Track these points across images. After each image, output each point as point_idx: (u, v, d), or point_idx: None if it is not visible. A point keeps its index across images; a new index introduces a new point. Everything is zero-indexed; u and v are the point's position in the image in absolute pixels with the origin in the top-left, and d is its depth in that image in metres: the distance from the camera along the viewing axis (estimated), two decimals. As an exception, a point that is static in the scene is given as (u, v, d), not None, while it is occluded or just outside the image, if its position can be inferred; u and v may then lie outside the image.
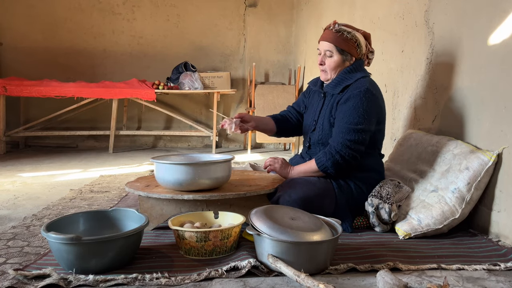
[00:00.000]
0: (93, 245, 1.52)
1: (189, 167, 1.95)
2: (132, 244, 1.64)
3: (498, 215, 1.91)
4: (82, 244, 1.51)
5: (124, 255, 1.60)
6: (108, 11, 5.62)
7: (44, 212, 2.42)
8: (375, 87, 2.12)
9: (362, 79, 2.11)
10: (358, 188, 2.09)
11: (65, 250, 1.52)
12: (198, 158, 2.19)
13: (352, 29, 2.14)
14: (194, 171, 1.94)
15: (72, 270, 1.53)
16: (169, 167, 1.97)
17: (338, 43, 2.10)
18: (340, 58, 2.13)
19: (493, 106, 1.95)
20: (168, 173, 1.97)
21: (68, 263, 1.54)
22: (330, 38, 2.12)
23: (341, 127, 2.04)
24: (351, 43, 2.11)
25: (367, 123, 2.03)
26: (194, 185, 1.96)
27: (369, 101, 2.04)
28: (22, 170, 3.86)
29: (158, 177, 2.02)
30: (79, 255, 1.52)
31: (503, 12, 1.90)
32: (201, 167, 1.97)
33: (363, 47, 2.15)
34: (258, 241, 1.60)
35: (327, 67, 2.16)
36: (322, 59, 2.17)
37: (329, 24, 2.17)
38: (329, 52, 2.13)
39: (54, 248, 1.56)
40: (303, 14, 5.39)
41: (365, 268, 1.57)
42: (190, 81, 5.18)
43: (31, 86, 4.82)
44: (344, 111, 2.05)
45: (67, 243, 1.51)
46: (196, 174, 1.94)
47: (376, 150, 2.20)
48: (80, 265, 1.52)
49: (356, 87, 2.07)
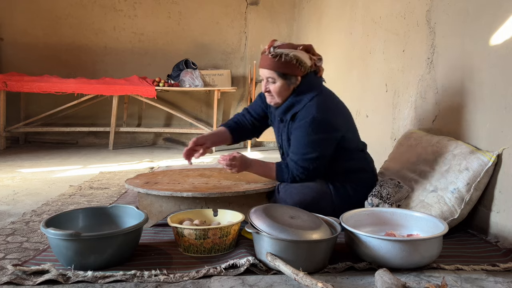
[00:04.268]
0: (92, 241, 1.53)
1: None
2: (131, 241, 1.64)
3: (497, 216, 1.91)
4: (81, 240, 1.51)
5: (123, 252, 1.61)
6: (110, 7, 5.61)
7: (43, 208, 2.43)
8: (324, 107, 2.00)
9: (310, 103, 2.00)
10: (353, 189, 2.09)
11: (64, 246, 1.52)
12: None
13: (291, 48, 2.00)
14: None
15: (71, 266, 1.53)
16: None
17: (278, 68, 1.98)
18: (284, 83, 2.01)
19: (494, 107, 1.95)
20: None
21: (67, 259, 1.54)
22: (269, 64, 2.00)
23: (295, 153, 2.02)
24: (291, 64, 1.98)
25: (319, 150, 1.99)
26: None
27: (318, 129, 1.96)
28: (22, 165, 3.86)
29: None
30: (78, 251, 1.52)
31: (505, 13, 1.90)
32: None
33: (307, 62, 2.02)
34: (257, 239, 1.60)
35: (272, 93, 2.05)
36: (266, 86, 2.05)
37: (264, 49, 2.03)
38: (271, 79, 2.01)
39: (53, 244, 1.56)
40: (304, 12, 5.38)
41: (363, 267, 1.57)
42: (191, 79, 5.18)
43: (32, 81, 4.82)
44: (295, 140, 2.02)
45: (66, 239, 1.51)
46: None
47: (356, 152, 2.16)
48: (79, 261, 1.53)
49: (303, 117, 1.99)
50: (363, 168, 2.15)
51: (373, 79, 3.25)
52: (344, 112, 2.14)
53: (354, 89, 3.65)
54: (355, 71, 3.63)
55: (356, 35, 3.63)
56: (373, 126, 3.24)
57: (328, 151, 2.03)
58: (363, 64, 3.45)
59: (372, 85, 3.26)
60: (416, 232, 1.79)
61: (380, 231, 1.81)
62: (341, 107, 2.15)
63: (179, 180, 2.21)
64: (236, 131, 2.30)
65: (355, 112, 3.58)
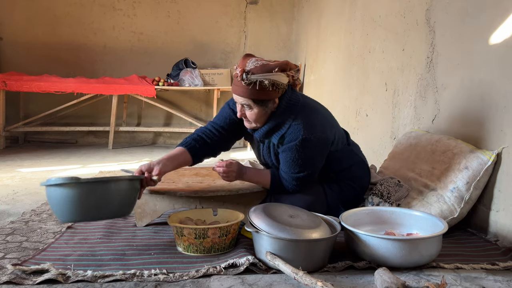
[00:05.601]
0: (92, 186, 1.53)
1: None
2: (134, 191, 1.69)
3: (496, 215, 1.91)
4: (81, 185, 1.51)
5: (125, 202, 1.65)
6: (109, 6, 5.61)
7: (43, 208, 2.42)
8: (310, 125, 1.89)
9: (294, 123, 1.88)
10: (346, 185, 2.07)
11: (66, 195, 1.52)
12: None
13: (265, 71, 1.80)
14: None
15: (72, 220, 1.56)
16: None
17: (254, 95, 1.82)
18: (261, 109, 1.87)
19: (493, 105, 1.95)
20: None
21: (69, 213, 1.55)
22: (243, 92, 1.82)
23: (286, 173, 1.95)
24: (268, 91, 1.82)
25: (311, 167, 1.94)
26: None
27: (308, 148, 1.88)
28: (22, 165, 3.86)
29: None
30: (78, 201, 1.52)
31: (505, 11, 1.90)
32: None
33: (284, 82, 1.86)
34: (256, 238, 1.60)
35: (249, 119, 1.91)
36: (241, 111, 1.90)
37: (236, 73, 1.84)
38: (247, 106, 1.86)
39: (55, 198, 1.54)
40: (304, 11, 5.38)
41: (363, 266, 1.57)
42: (190, 78, 5.18)
43: (31, 81, 4.82)
44: (284, 161, 1.93)
45: (67, 184, 1.51)
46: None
47: (343, 149, 2.09)
48: (81, 214, 1.55)
49: (291, 138, 1.88)
50: (353, 162, 2.12)
51: (373, 78, 3.25)
52: (328, 119, 2.04)
53: (353, 88, 3.65)
54: (355, 70, 3.63)
55: (355, 34, 3.62)
56: (373, 125, 3.24)
57: (320, 164, 1.99)
58: (363, 63, 3.45)
59: (372, 84, 3.26)
60: (416, 231, 1.79)
61: (380, 230, 1.81)
62: (324, 115, 2.03)
63: (174, 179, 2.22)
64: (198, 150, 1.99)
65: (355, 111, 3.58)
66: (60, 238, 1.88)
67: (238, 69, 1.83)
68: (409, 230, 1.81)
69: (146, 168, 1.81)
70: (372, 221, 1.86)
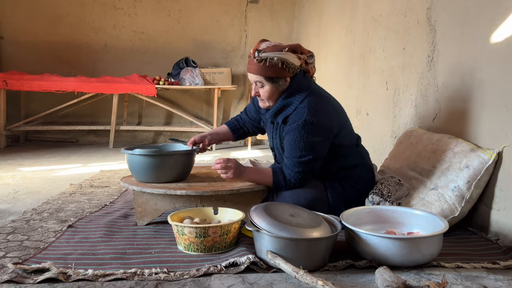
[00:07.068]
0: (167, 157, 2.06)
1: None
2: (192, 160, 2.20)
3: (497, 214, 1.91)
4: (160, 156, 2.05)
5: (187, 170, 2.17)
6: (110, 5, 5.61)
7: (44, 207, 2.43)
8: (315, 109, 1.96)
9: (300, 105, 1.98)
10: (348, 185, 2.08)
11: (146, 162, 2.04)
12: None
13: (276, 50, 1.96)
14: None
15: (147, 180, 2.08)
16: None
17: (265, 72, 1.96)
18: (272, 86, 1.99)
19: (494, 104, 1.95)
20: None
21: (146, 174, 2.06)
22: (255, 69, 1.98)
23: (288, 158, 1.99)
24: (278, 68, 1.95)
25: (313, 153, 1.96)
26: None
27: (310, 131, 1.94)
28: (22, 164, 3.86)
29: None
30: (156, 167, 2.04)
31: (506, 10, 1.89)
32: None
33: (295, 62, 1.98)
34: (257, 237, 1.60)
35: (262, 97, 2.04)
36: (255, 90, 2.05)
37: (249, 53, 2.03)
38: (259, 83, 2.01)
39: (137, 164, 2.07)
40: (304, 10, 5.38)
41: (363, 265, 1.57)
42: (191, 77, 5.18)
43: (32, 80, 4.82)
44: (287, 144, 1.99)
45: (149, 155, 2.03)
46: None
47: (351, 147, 2.14)
48: (156, 176, 2.06)
49: (294, 120, 1.97)
50: (359, 163, 2.13)
51: (374, 77, 3.25)
52: (336, 109, 2.10)
53: (354, 87, 3.65)
54: (356, 69, 3.63)
55: (356, 33, 3.62)
56: (374, 124, 3.24)
57: (322, 152, 2.01)
58: (364, 62, 3.45)
59: (373, 83, 3.26)
60: (417, 230, 1.79)
61: (381, 229, 1.81)
62: (333, 105, 2.10)
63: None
64: (237, 130, 2.40)
65: (356, 110, 3.58)
66: (61, 237, 1.89)
67: (251, 50, 2.02)
68: (410, 229, 1.81)
69: (199, 139, 2.24)
70: (372, 220, 1.86)
